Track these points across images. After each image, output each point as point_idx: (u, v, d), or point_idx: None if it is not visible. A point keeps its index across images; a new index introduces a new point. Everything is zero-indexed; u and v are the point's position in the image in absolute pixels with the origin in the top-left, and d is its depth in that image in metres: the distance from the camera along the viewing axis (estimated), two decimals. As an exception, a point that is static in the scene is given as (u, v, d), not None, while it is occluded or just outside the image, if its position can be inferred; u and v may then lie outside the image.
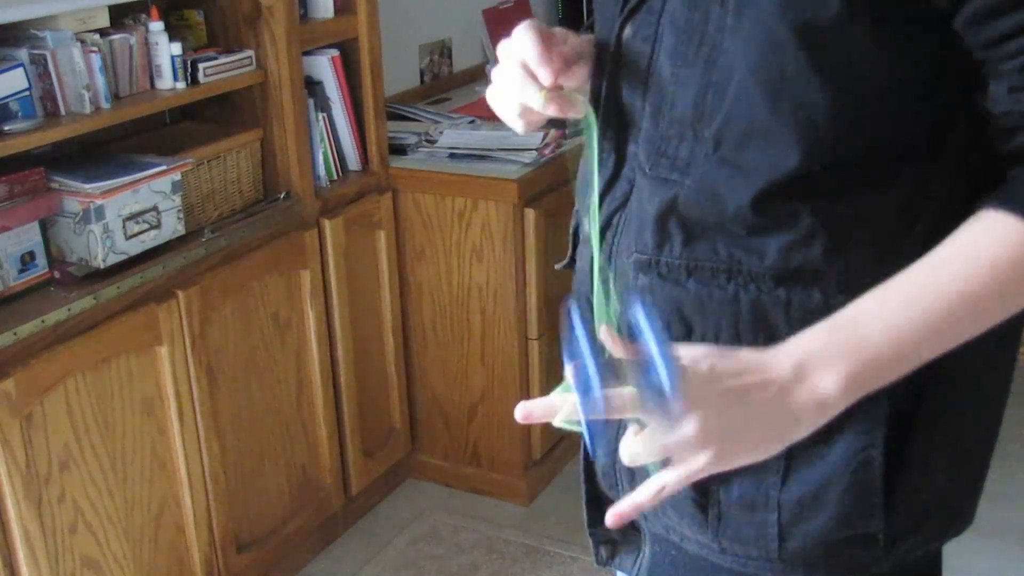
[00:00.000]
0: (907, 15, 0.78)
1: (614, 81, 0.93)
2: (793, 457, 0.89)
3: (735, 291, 0.87)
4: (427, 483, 2.83)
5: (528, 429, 2.70)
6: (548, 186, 2.55)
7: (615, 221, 0.94)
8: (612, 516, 0.85)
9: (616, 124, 0.94)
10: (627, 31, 0.91)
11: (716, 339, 0.88)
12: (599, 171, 0.95)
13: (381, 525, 2.67)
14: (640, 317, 0.78)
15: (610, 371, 0.79)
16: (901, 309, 0.80)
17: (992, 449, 0.99)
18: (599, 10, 0.99)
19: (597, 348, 0.82)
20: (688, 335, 0.89)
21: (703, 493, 0.93)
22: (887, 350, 0.80)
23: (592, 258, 0.95)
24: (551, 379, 2.69)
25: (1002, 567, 2.46)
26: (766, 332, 0.86)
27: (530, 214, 2.49)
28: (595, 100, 0.95)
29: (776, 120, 0.81)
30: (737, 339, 0.87)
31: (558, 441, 2.82)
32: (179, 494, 2.09)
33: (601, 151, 0.95)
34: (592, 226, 0.92)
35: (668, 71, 0.87)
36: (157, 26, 2.06)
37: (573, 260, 1.07)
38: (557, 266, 1.13)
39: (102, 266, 1.90)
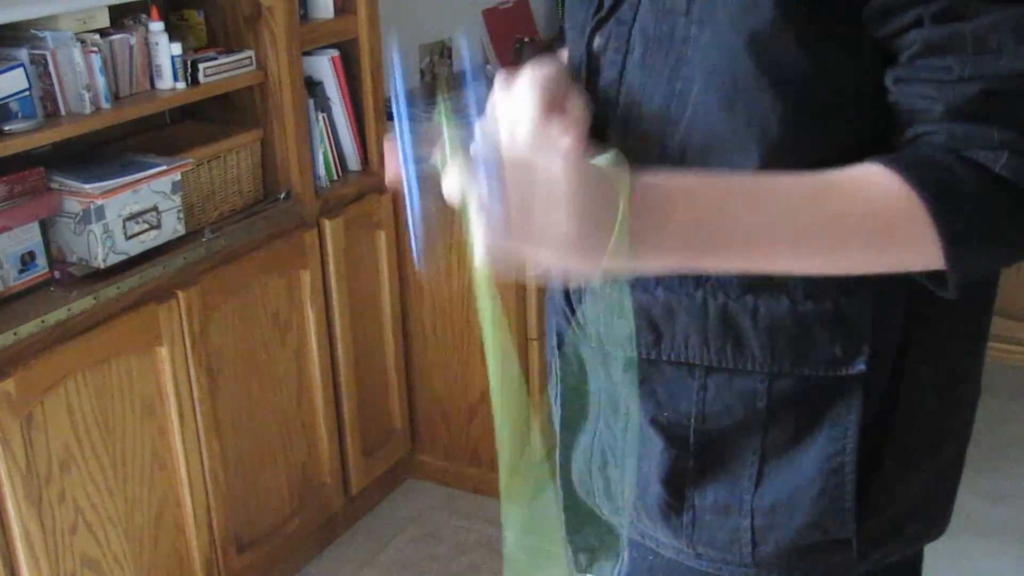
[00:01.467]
0: (839, 24, 0.78)
1: (590, 92, 0.92)
2: (766, 462, 0.90)
3: (703, 298, 0.87)
4: (427, 483, 2.83)
5: (528, 429, 2.69)
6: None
7: None
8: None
9: (591, 134, 0.93)
10: (597, 41, 0.91)
11: (685, 345, 0.89)
12: None
13: (381, 525, 2.67)
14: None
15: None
16: (730, 178, 0.77)
17: (965, 454, 0.98)
18: (570, 20, 0.97)
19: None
20: (657, 342, 0.90)
21: (678, 499, 0.94)
22: (693, 186, 0.76)
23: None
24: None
25: (1002, 567, 2.46)
26: (734, 338, 0.87)
27: (530, 214, 2.49)
28: None
29: (732, 130, 0.81)
30: (706, 346, 0.88)
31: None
32: (179, 494, 2.09)
33: None
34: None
35: (637, 81, 0.87)
36: (157, 26, 2.06)
37: None
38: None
39: (102, 266, 1.90)
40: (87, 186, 1.88)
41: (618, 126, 0.89)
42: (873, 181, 0.76)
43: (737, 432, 0.90)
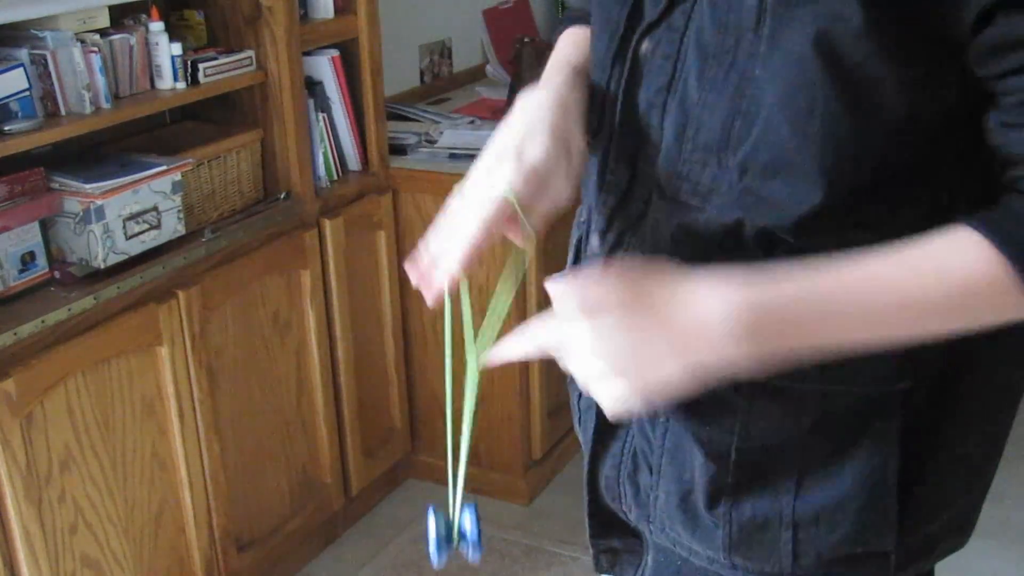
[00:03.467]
0: (929, 51, 0.76)
1: (630, 96, 0.90)
2: (805, 474, 0.89)
3: None
4: (427, 483, 2.82)
5: (528, 429, 2.70)
6: (548, 186, 2.55)
7: (625, 241, 0.93)
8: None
9: (631, 141, 0.91)
10: (645, 46, 0.89)
11: None
12: (608, 190, 0.94)
13: (381, 525, 2.67)
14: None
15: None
16: (825, 278, 0.78)
17: (996, 466, 0.98)
18: (599, 19, 0.95)
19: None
20: None
21: (715, 510, 0.93)
22: (795, 304, 0.78)
23: None
24: (551, 379, 2.69)
25: (1002, 567, 2.46)
26: None
27: (530, 214, 2.49)
28: (608, 113, 0.93)
29: (802, 154, 0.79)
30: None
31: (558, 441, 2.82)
32: (179, 494, 2.09)
33: (615, 168, 0.93)
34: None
35: (695, 94, 0.84)
36: (157, 26, 2.06)
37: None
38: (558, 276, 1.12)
39: (102, 266, 1.90)
40: (87, 186, 1.87)
41: (671, 137, 0.87)
42: (959, 252, 0.77)
43: (779, 447, 0.89)
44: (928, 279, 0.77)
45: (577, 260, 1.04)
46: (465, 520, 0.90)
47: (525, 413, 2.68)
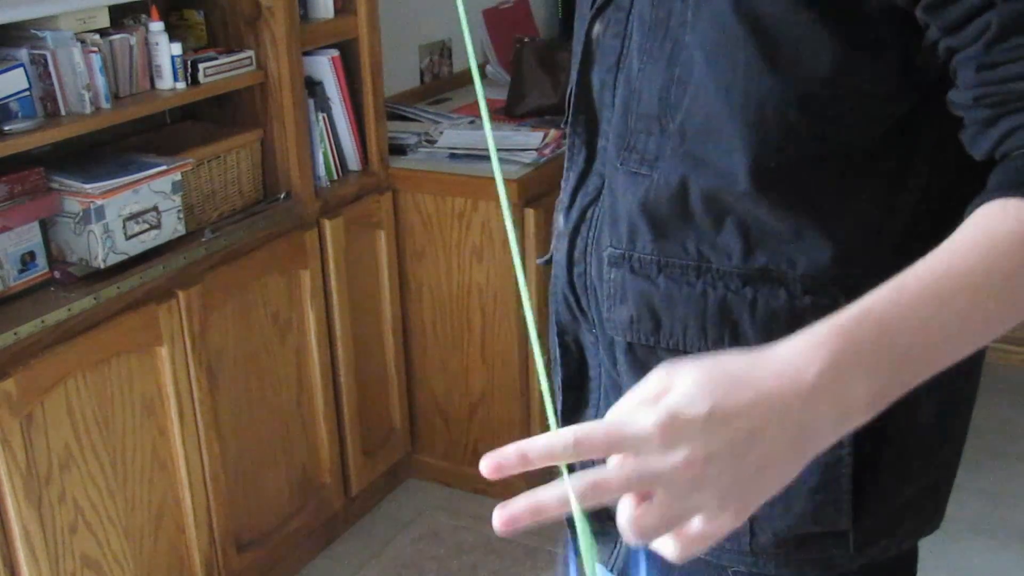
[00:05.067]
0: (852, 8, 0.77)
1: (584, 77, 0.94)
2: None
3: (703, 288, 0.88)
4: (427, 483, 2.82)
5: (528, 429, 2.70)
6: (548, 186, 2.55)
7: (588, 215, 0.95)
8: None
9: (586, 119, 0.95)
10: (596, 27, 0.93)
11: (683, 334, 0.89)
12: (570, 168, 0.97)
13: (381, 525, 2.67)
14: None
15: None
16: (926, 303, 0.67)
17: (961, 452, 0.98)
18: (578, 10, 1.00)
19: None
20: (656, 329, 0.91)
21: None
22: (920, 351, 0.67)
23: (565, 255, 0.97)
24: (550, 379, 2.69)
25: (1002, 567, 2.46)
26: (731, 329, 0.87)
27: (530, 214, 2.49)
28: (570, 96, 0.97)
29: (729, 115, 0.81)
30: (703, 335, 0.88)
31: (558, 441, 2.82)
32: (179, 494, 2.09)
33: (572, 145, 0.96)
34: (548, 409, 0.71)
35: (636, 66, 0.88)
36: (157, 26, 2.06)
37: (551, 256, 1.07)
38: (539, 261, 1.13)
39: (102, 266, 1.90)
40: (87, 186, 1.87)
41: (619, 111, 0.90)
42: (1000, 222, 0.71)
43: None
44: (992, 251, 0.69)
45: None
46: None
47: (525, 413, 2.68)
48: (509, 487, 2.83)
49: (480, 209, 2.51)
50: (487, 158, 2.55)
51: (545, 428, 0.69)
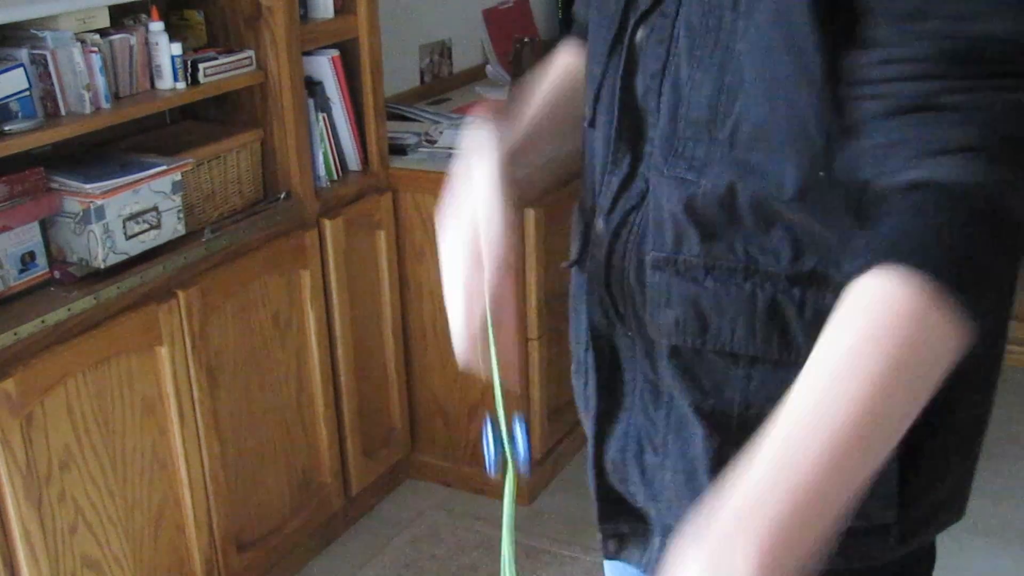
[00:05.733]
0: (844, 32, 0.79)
1: (628, 82, 0.94)
2: None
3: (752, 289, 0.88)
4: (427, 483, 2.83)
5: (528, 430, 2.69)
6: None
7: (631, 220, 0.95)
8: None
9: (631, 125, 0.95)
10: (640, 33, 0.93)
11: (732, 334, 0.90)
12: (612, 173, 0.97)
13: (381, 525, 2.67)
14: None
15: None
16: (799, 450, 0.70)
17: (984, 434, 1.00)
18: (596, 14, 1.00)
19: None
20: (703, 331, 0.91)
21: (720, 485, 0.93)
22: (801, 507, 0.69)
23: (603, 259, 0.97)
24: (551, 379, 2.69)
25: (1002, 567, 2.46)
26: (780, 330, 0.88)
27: (530, 214, 2.49)
28: (607, 102, 0.97)
29: (776, 124, 0.83)
30: (752, 336, 0.89)
31: (558, 441, 2.82)
32: (179, 494, 2.09)
33: (616, 150, 0.96)
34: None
35: (685, 73, 0.89)
36: (157, 26, 2.06)
37: (580, 259, 1.07)
38: (563, 265, 1.13)
39: (102, 266, 1.90)
40: (87, 186, 1.87)
41: (666, 117, 0.90)
42: (890, 309, 0.70)
43: None
44: (866, 364, 0.70)
45: (585, 247, 1.05)
46: (517, 431, 0.96)
47: (525, 414, 2.68)
48: (509, 487, 2.74)
49: (480, 209, 2.50)
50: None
51: (545, 429, 0.71)
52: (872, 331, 0.71)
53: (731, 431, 0.93)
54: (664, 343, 0.94)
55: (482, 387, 2.67)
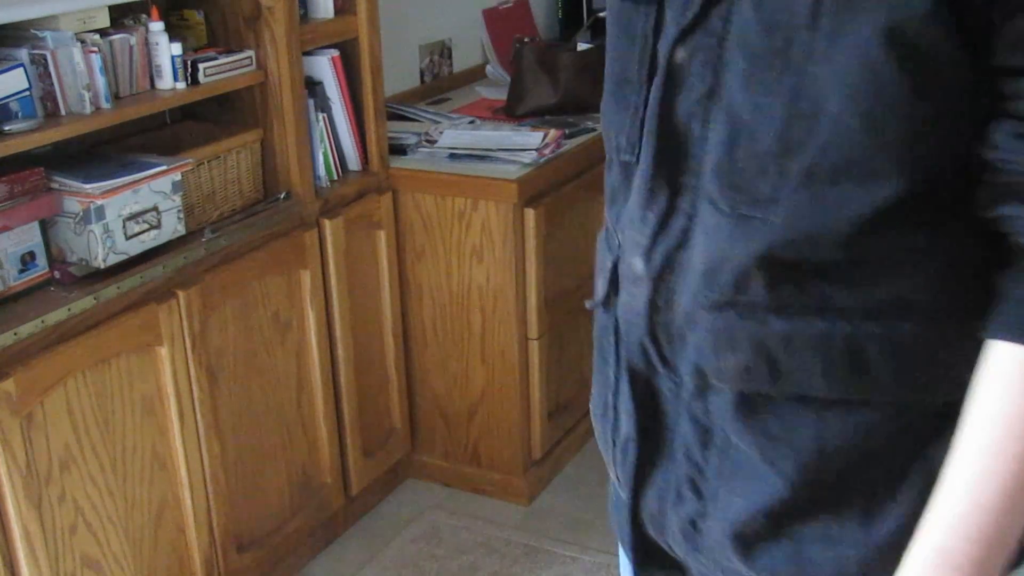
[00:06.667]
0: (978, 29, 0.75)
1: (666, 109, 0.86)
2: (876, 492, 0.87)
3: (826, 327, 0.83)
4: (427, 483, 2.83)
5: (527, 429, 2.70)
6: (548, 186, 2.55)
7: (677, 258, 0.88)
8: None
9: (670, 155, 0.87)
10: (680, 53, 0.85)
11: (808, 378, 0.84)
12: (648, 208, 0.89)
13: (381, 525, 2.67)
14: None
15: None
16: (971, 511, 0.77)
17: None
18: (617, 27, 0.92)
19: None
20: (774, 376, 0.85)
21: (779, 531, 0.91)
22: (983, 550, 0.77)
23: (646, 301, 0.90)
24: (551, 379, 2.69)
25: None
26: (861, 367, 0.83)
27: (530, 214, 2.49)
28: (640, 129, 0.90)
29: (876, 150, 0.77)
30: (830, 376, 0.84)
31: (558, 441, 2.82)
32: (179, 494, 2.09)
33: (654, 183, 0.88)
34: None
35: (743, 99, 0.81)
36: (157, 26, 2.06)
37: (606, 300, 0.99)
38: (588, 305, 1.05)
39: (102, 266, 1.90)
40: (87, 186, 1.87)
41: (721, 148, 0.83)
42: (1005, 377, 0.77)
43: (851, 464, 0.86)
44: (1011, 425, 0.76)
45: (615, 285, 0.97)
46: None
47: (525, 413, 2.68)
48: (509, 487, 2.86)
49: (480, 209, 2.51)
50: (487, 158, 2.56)
51: (545, 429, 0.70)
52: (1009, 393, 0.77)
53: (796, 477, 0.87)
54: (725, 387, 0.87)
55: (482, 387, 2.68)
